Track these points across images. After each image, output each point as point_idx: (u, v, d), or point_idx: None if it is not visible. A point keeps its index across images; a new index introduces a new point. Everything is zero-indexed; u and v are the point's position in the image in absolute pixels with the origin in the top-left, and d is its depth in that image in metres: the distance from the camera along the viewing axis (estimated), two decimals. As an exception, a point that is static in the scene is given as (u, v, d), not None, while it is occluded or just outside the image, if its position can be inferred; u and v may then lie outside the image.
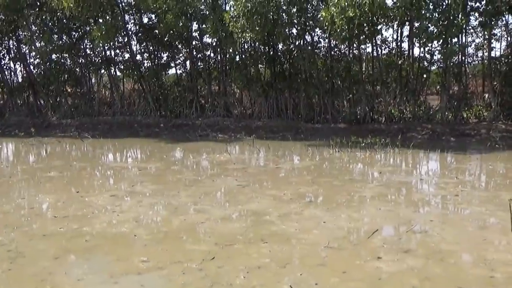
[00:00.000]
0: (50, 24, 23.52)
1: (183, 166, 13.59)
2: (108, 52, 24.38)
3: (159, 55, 24.12)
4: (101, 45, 22.99)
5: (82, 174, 12.14)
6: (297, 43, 20.55)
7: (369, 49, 21.00)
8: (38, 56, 24.93)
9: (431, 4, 16.79)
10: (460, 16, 16.34)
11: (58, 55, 24.60)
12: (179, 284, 5.18)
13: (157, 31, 22.02)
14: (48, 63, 24.70)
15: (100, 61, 24.45)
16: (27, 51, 25.92)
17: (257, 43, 21.05)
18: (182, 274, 5.44)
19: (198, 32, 22.17)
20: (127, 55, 24.30)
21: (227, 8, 20.66)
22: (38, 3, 22.80)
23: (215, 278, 5.29)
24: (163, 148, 16.91)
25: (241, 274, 5.38)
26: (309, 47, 20.44)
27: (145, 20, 23.63)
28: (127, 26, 23.02)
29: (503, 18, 18.54)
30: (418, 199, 9.06)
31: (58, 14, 22.09)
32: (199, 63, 23.23)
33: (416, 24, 18.05)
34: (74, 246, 6.46)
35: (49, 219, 7.87)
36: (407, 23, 19.16)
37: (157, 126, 21.44)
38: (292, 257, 5.93)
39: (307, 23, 19.33)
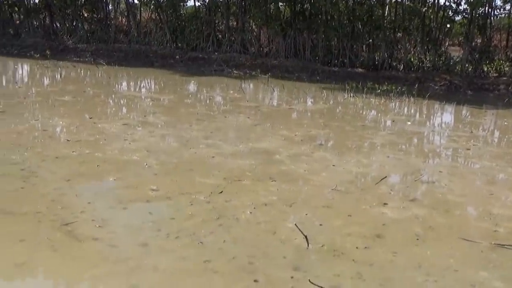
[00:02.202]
0: None
1: (196, 100, 13.58)
2: (126, -21, 23.90)
3: (178, -15, 23.58)
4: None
5: (96, 100, 12.18)
6: (319, -18, 19.97)
7: (393, -6, 20.39)
8: (55, -22, 24.50)
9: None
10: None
11: (76, -22, 24.15)
12: (187, 215, 5.28)
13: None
14: (65, -14, 24.30)
15: (118, -13, 24.03)
16: (44, -29, 25.44)
17: (279, -21, 20.52)
18: (190, 205, 5.54)
19: (219, -37, 21.60)
20: (145, -17, 23.77)
21: None
22: None
23: (222, 211, 5.39)
24: (177, 81, 16.84)
25: (248, 210, 5.47)
26: (332, -13, 19.88)
27: None
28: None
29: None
30: (428, 150, 9.05)
31: None
32: (218, -3, 22.75)
33: (445, -29, 17.45)
34: (86, 170, 6.57)
35: (62, 142, 7.98)
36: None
37: (172, 58, 21.24)
38: (299, 197, 6.00)
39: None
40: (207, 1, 22.99)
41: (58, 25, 25.61)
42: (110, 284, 3.99)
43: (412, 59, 19.04)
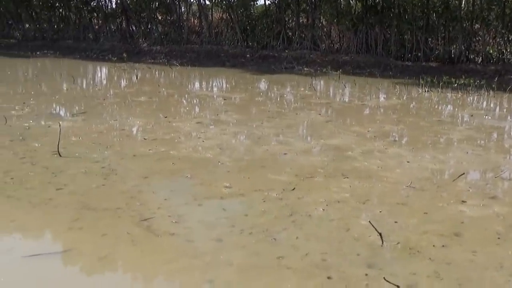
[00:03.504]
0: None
1: (267, 97, 13.65)
2: (198, -20, 24.38)
3: (248, -16, 23.78)
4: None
5: (170, 100, 12.54)
6: (392, -26, 19.50)
7: (470, -17, 19.58)
8: (131, -17, 25.41)
9: None
10: None
11: (150, -19, 24.92)
12: (260, 211, 5.33)
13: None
14: (140, -10, 25.13)
15: (190, -11, 24.56)
16: (121, -23, 26.43)
17: (349, -26, 20.24)
18: (262, 202, 5.59)
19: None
20: (216, -16, 24.16)
21: None
22: None
23: (294, 208, 5.40)
24: (248, 79, 17.01)
25: (320, 207, 5.45)
26: (405, -21, 19.35)
27: None
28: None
29: None
30: (509, 145, 8.64)
31: None
32: (288, -6, 22.73)
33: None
34: (162, 167, 6.77)
35: (138, 141, 8.27)
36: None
37: (243, 57, 21.48)
38: (373, 194, 5.90)
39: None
40: (277, -2, 23.04)
41: (134, 28, 26.54)
42: (187, 278, 4.10)
43: (491, 51, 18.24)
